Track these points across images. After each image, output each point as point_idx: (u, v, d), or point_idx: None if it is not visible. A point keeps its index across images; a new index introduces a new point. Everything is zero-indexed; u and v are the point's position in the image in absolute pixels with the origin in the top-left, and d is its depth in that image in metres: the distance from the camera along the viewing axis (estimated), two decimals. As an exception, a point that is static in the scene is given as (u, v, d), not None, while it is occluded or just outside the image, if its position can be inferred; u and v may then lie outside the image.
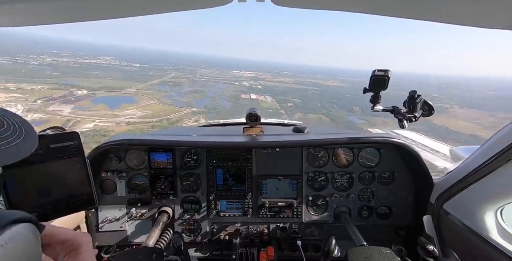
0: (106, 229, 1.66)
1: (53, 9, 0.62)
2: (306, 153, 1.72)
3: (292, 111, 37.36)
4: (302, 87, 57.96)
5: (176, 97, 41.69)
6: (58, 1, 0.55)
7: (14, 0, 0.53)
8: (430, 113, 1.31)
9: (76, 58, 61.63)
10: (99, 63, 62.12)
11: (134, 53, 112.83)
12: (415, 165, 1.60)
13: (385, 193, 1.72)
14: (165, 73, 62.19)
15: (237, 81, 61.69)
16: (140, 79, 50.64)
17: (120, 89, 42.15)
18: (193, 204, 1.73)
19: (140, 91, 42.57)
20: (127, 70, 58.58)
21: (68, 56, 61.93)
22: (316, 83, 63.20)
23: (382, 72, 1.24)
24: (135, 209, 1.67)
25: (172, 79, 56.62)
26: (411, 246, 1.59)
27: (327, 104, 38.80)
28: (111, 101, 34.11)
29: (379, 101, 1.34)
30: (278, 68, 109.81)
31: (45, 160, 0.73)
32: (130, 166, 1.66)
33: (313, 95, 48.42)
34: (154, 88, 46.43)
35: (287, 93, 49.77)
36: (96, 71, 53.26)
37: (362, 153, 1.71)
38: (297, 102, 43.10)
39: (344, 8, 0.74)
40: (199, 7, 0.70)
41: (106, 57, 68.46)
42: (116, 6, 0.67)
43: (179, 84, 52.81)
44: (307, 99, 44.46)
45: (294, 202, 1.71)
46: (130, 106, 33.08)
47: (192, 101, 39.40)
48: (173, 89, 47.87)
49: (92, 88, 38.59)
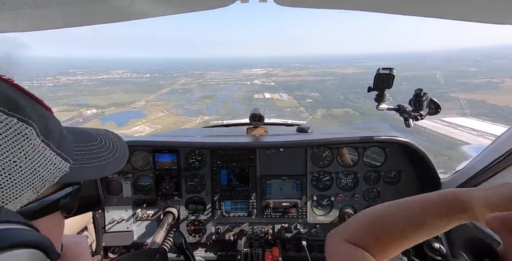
0: (113, 230, 1.67)
1: (55, 13, 0.63)
2: (310, 153, 1.71)
3: (313, 108, 33.40)
4: (318, 78, 53.53)
5: (187, 105, 40.41)
6: (58, 6, 0.56)
7: (18, 6, 0.54)
8: (436, 111, 1.29)
9: (90, 75, 61.92)
10: (111, 77, 62.37)
11: (145, 63, 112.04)
12: (421, 164, 1.58)
13: (391, 193, 1.70)
14: (175, 80, 61.45)
15: (248, 80, 59.68)
16: (150, 90, 50.07)
17: (130, 104, 41.65)
18: (198, 205, 1.73)
19: (149, 103, 41.90)
20: (138, 82, 58.38)
21: (82, 74, 62.22)
22: (332, 72, 58.76)
23: (387, 70, 1.23)
24: (141, 210, 1.69)
25: (181, 86, 55.75)
26: (418, 246, 1.57)
27: (351, 95, 33.85)
28: (119, 117, 33.23)
29: (384, 100, 1.32)
30: (289, 61, 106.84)
31: None
32: (136, 167, 1.68)
33: (332, 86, 43.68)
34: (164, 98, 45.85)
35: (304, 87, 45.32)
36: (108, 86, 53.33)
37: (367, 152, 1.69)
38: (316, 96, 38.57)
39: (348, 7, 0.73)
40: (201, 8, 0.70)
41: (119, 70, 68.74)
42: (118, 10, 0.68)
43: (189, 90, 51.76)
44: (327, 92, 39.76)
45: (299, 203, 1.70)
46: (138, 121, 31.89)
47: (204, 108, 37.80)
48: (183, 97, 46.76)
49: (101, 106, 38.27)
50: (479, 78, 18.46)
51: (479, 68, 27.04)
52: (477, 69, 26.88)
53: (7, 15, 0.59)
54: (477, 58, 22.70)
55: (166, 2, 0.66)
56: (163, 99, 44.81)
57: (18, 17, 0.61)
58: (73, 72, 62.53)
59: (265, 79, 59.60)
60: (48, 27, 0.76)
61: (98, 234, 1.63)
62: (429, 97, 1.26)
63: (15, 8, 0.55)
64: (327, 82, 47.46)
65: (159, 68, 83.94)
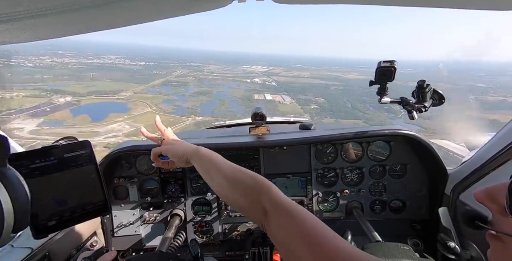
0: (121, 234, 1.69)
1: (55, 22, 0.63)
2: (314, 150, 1.70)
3: (320, 116, 30.84)
4: (321, 82, 51.37)
5: (179, 101, 36.06)
6: (58, 15, 0.56)
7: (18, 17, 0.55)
8: (440, 102, 1.27)
9: (79, 59, 56.82)
10: (102, 62, 57.03)
11: (142, 51, 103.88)
12: (427, 156, 1.56)
13: (397, 186, 1.69)
14: (170, 71, 56.76)
15: (248, 78, 57.14)
16: (141, 79, 44.84)
17: (114, 94, 35.65)
18: (204, 206, 1.74)
19: (137, 94, 36.26)
20: (129, 69, 52.93)
21: (71, 57, 56.76)
22: (335, 76, 56.51)
23: (388, 63, 1.21)
24: (148, 213, 1.70)
25: (176, 78, 51.21)
26: (428, 240, 1.56)
27: (359, 104, 31.74)
28: (97, 110, 27.84)
29: (387, 93, 1.31)
30: (291, 61, 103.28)
31: (60, 170, 0.76)
32: (141, 171, 1.69)
33: (336, 92, 41.28)
34: (154, 90, 40.85)
35: (307, 90, 43.17)
36: (94, 71, 47.69)
37: (372, 146, 1.68)
38: (322, 102, 36.22)
39: (343, 1, 0.72)
40: (199, 10, 0.70)
41: (112, 56, 63.43)
42: (117, 16, 0.68)
43: (184, 84, 47.60)
44: (333, 98, 37.22)
45: (305, 200, 1.69)
46: (119, 116, 26.52)
47: (197, 107, 33.80)
48: (176, 90, 41.95)
49: (79, 94, 32.19)
50: (492, 95, 17.64)
51: (487, 84, 25.88)
52: (486, 85, 25.73)
53: (9, 27, 0.59)
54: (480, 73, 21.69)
55: (164, 6, 0.66)
56: (154, 92, 39.63)
57: (19, 28, 0.61)
58: (62, 53, 57.20)
59: (266, 78, 57.64)
60: (49, 37, 0.77)
61: (107, 239, 1.65)
62: (432, 88, 1.25)
63: (15, 20, 0.56)
64: (332, 87, 45.46)
65: (156, 56, 76.79)
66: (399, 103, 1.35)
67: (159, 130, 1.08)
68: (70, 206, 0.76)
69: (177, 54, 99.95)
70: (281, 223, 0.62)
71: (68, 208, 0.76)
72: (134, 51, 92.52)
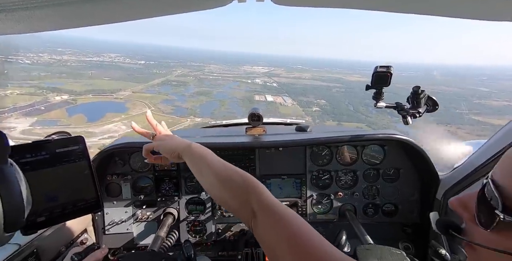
0: (113, 232, 1.67)
1: (51, 15, 0.62)
2: (310, 152, 1.71)
3: (321, 118, 30.55)
4: (323, 84, 51.19)
5: (178, 101, 35.82)
6: (54, 7, 0.55)
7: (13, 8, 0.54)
8: (434, 108, 1.30)
9: (78, 56, 56.02)
10: (101, 60, 56.39)
11: (142, 49, 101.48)
12: (420, 161, 1.59)
13: (390, 190, 1.71)
14: (170, 70, 55.90)
15: (249, 78, 56.57)
16: (141, 78, 44.18)
17: (112, 92, 35.08)
18: (198, 205, 1.73)
19: (136, 94, 35.80)
20: (129, 68, 52.18)
21: (70, 54, 55.93)
22: (337, 78, 56.42)
23: (384, 68, 1.23)
24: (141, 211, 1.69)
25: (176, 78, 50.53)
26: (419, 244, 1.58)
27: (361, 107, 31.35)
28: (94, 109, 27.10)
29: (382, 98, 1.33)
30: (292, 62, 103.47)
31: (51, 165, 0.74)
32: (135, 169, 1.67)
33: (338, 94, 41.01)
34: (154, 89, 40.38)
35: (308, 92, 42.91)
36: (93, 70, 46.86)
37: (366, 150, 1.70)
38: (323, 104, 35.94)
39: (345, 6, 0.73)
40: (199, 9, 0.70)
41: (112, 54, 62.45)
42: (116, 11, 0.67)
43: (184, 84, 47.04)
44: (334, 101, 36.90)
45: (299, 201, 1.70)
46: (116, 116, 25.94)
47: (197, 107, 33.35)
48: (176, 90, 41.35)
49: (76, 92, 31.57)
50: (495, 100, 17.52)
51: (490, 89, 25.45)
52: (489, 89, 25.30)
53: (2, 17, 0.58)
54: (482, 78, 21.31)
55: (163, 3, 0.65)
56: (153, 91, 39.37)
57: (13, 19, 0.60)
58: (62, 51, 56.26)
59: (267, 79, 57.05)
60: (44, 29, 0.76)
61: (98, 236, 1.62)
62: (427, 94, 1.27)
63: (10, 10, 0.55)
64: (333, 90, 45.04)
65: (156, 55, 75.69)
66: (394, 108, 1.37)
67: (151, 125, 1.06)
68: (61, 202, 0.75)
69: (177, 53, 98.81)
70: (268, 225, 0.61)
71: (59, 204, 0.74)
72: (135, 50, 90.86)
